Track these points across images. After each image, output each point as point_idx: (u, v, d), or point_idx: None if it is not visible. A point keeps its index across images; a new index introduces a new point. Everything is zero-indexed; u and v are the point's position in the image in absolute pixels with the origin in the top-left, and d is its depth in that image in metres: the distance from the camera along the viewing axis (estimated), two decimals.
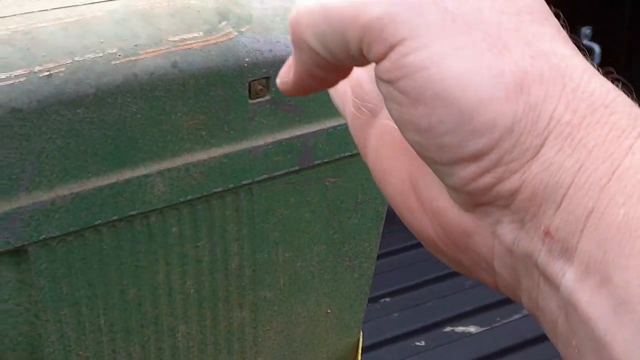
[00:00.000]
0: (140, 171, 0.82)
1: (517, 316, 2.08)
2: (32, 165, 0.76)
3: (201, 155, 0.84)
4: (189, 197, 0.86)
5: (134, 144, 0.80)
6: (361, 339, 1.11)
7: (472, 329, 2.04)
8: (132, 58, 0.76)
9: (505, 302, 2.12)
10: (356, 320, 1.09)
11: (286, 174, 0.91)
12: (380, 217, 1.03)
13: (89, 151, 0.78)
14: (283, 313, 1.01)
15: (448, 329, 2.04)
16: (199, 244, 0.90)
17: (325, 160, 0.93)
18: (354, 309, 1.07)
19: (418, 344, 2.00)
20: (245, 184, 0.89)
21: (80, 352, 0.89)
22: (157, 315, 0.92)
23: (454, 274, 2.23)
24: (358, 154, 0.93)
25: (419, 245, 2.28)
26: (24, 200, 0.77)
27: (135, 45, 0.77)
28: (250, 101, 0.84)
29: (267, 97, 0.85)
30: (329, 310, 1.05)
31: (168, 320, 0.93)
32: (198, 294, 0.93)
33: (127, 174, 0.81)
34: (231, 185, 0.88)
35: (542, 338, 2.02)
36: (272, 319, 1.01)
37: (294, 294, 1.01)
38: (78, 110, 0.75)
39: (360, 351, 1.09)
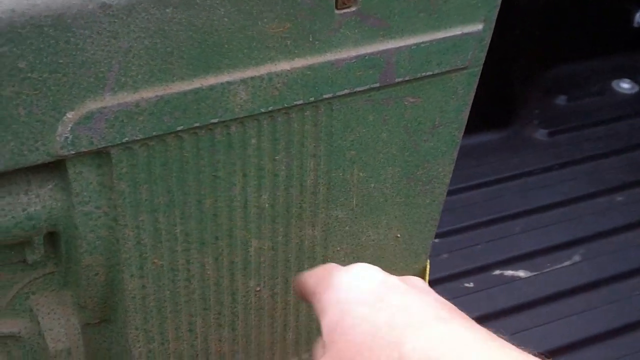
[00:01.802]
0: (224, 78, 0.81)
1: (567, 263, 2.06)
2: (118, 64, 0.75)
3: (284, 66, 0.83)
4: (270, 108, 0.85)
5: (219, 49, 0.79)
6: (428, 267, 1.09)
7: (522, 273, 2.02)
8: None
9: (556, 248, 2.10)
10: (425, 246, 1.07)
11: (367, 90, 0.89)
12: (456, 142, 1.01)
13: (175, 53, 0.77)
14: (353, 234, 1.00)
15: (497, 272, 2.02)
16: (276, 157, 0.89)
17: (407, 79, 0.91)
18: (423, 235, 1.06)
19: (467, 285, 1.98)
20: (326, 98, 0.87)
21: (155, 260, 0.89)
22: (232, 228, 0.91)
23: (504, 218, 2.21)
24: (440, 75, 0.91)
25: (469, 188, 2.26)
26: (109, 101, 0.76)
27: None
28: (337, 11, 0.82)
29: (353, 8, 0.83)
30: (398, 235, 1.04)
31: (241, 234, 0.92)
32: (272, 208, 0.92)
33: (211, 80, 0.80)
34: (312, 99, 0.86)
35: (591, 285, 2.00)
36: (343, 240, 1.00)
37: (366, 216, 1.00)
38: (167, 10, 0.74)
39: (427, 279, 1.08)
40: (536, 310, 1.92)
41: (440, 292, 1.30)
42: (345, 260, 1.02)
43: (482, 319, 1.86)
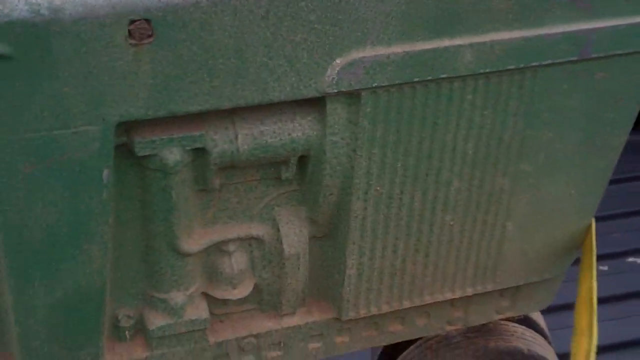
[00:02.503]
0: (456, 41, 1.00)
1: None
2: (380, 23, 0.95)
3: (504, 35, 1.01)
4: (487, 70, 1.03)
5: (456, 17, 0.98)
6: (594, 224, 1.26)
7: None
8: None
9: None
10: (593, 205, 1.24)
11: (566, 62, 1.07)
12: (633, 118, 1.17)
13: (423, 18, 0.96)
14: (536, 187, 1.18)
15: (631, 259, 2.16)
16: (485, 112, 1.08)
17: (601, 55, 1.08)
18: (593, 195, 1.23)
19: (602, 268, 2.13)
20: (533, 66, 1.05)
21: (378, 188, 1.09)
22: (440, 168, 1.11)
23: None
24: (629, 55, 1.08)
25: (613, 182, 2.39)
26: (369, 52, 0.96)
27: None
28: None
29: None
30: (573, 192, 1.21)
31: (447, 175, 1.11)
32: (475, 155, 1.11)
33: (446, 42, 0.99)
34: (522, 65, 1.04)
35: None
36: (526, 191, 1.18)
37: (549, 172, 1.17)
38: None
39: (594, 234, 1.24)
40: None
41: (574, 272, 1.44)
42: (525, 209, 1.19)
43: (612, 299, 2.01)
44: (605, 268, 2.13)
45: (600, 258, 2.17)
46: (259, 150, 1.01)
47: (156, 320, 1.12)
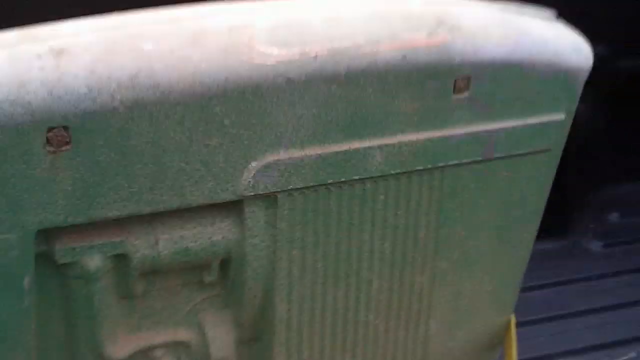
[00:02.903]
0: (366, 143, 1.05)
1: (623, 358, 2.23)
2: (292, 127, 1.00)
3: (411, 137, 1.07)
4: (397, 171, 1.09)
5: (365, 120, 1.04)
6: (513, 320, 1.30)
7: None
8: (375, 48, 1.00)
9: (613, 344, 2.27)
10: (510, 300, 1.28)
11: (471, 162, 1.13)
12: (539, 213, 1.23)
13: (334, 121, 1.02)
14: (454, 284, 1.22)
15: None
16: (398, 212, 1.13)
17: (503, 155, 1.14)
18: (509, 290, 1.27)
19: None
20: (440, 166, 1.11)
21: (300, 289, 1.12)
22: (359, 268, 1.14)
23: (565, 316, 2.40)
24: (529, 154, 1.15)
25: (530, 288, 2.46)
26: (283, 155, 1.01)
27: (377, 39, 1.00)
28: (454, 96, 1.07)
29: (466, 94, 1.08)
30: (489, 288, 1.25)
31: (367, 275, 1.15)
32: (392, 255, 1.15)
33: (356, 144, 1.05)
34: (429, 166, 1.10)
35: None
36: (445, 288, 1.22)
37: (464, 269, 1.21)
38: (332, 87, 0.99)
39: (513, 330, 1.28)
40: None
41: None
42: (445, 306, 1.23)
43: None
44: None
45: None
46: (180, 255, 1.03)
47: None
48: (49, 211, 0.92)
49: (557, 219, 2.79)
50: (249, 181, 1.01)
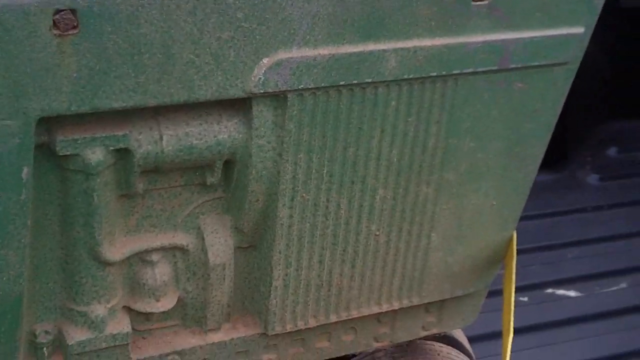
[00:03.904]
0: (381, 46, 1.01)
1: (614, 288, 2.24)
2: (307, 25, 0.96)
3: (427, 42, 1.03)
4: (411, 76, 1.05)
5: (381, 21, 0.99)
6: (515, 236, 1.28)
7: (572, 293, 2.21)
8: None
9: (605, 274, 2.29)
10: (514, 217, 1.26)
11: (486, 71, 1.10)
12: (550, 128, 1.20)
13: (349, 21, 0.98)
14: (458, 196, 1.19)
15: (549, 290, 2.21)
16: (409, 119, 1.09)
17: (519, 66, 1.11)
18: (514, 207, 1.25)
19: (521, 299, 2.17)
20: (454, 74, 1.08)
21: (304, 195, 1.09)
22: (365, 176, 1.11)
23: (558, 246, 2.40)
24: (545, 66, 1.11)
25: (526, 218, 2.47)
26: (295, 53, 0.97)
27: None
28: (473, 3, 1.03)
29: (486, 2, 1.04)
30: (494, 202, 1.23)
31: (372, 182, 1.12)
32: (399, 163, 1.12)
33: (371, 46, 1.01)
34: (444, 72, 1.07)
35: (636, 309, 2.18)
36: (449, 200, 1.19)
37: (470, 181, 1.19)
38: None
39: (514, 246, 1.27)
40: (583, 325, 2.10)
41: (498, 302, 1.47)
42: (448, 219, 1.21)
43: (532, 329, 2.05)
44: (525, 299, 2.17)
45: (520, 289, 2.22)
46: (184, 152, 1.00)
47: (76, 335, 1.08)
48: (52, 98, 0.88)
49: (555, 152, 2.78)
50: (259, 78, 0.97)
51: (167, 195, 1.06)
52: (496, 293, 1.50)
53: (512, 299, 1.26)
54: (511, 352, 1.96)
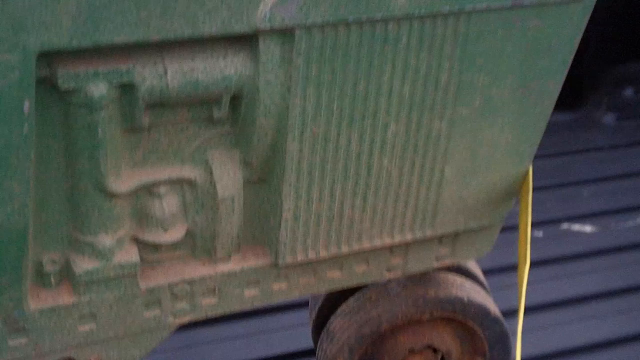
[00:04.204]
0: None
1: (631, 223, 2.23)
2: None
3: None
4: (422, 12, 1.02)
5: None
6: (531, 172, 1.26)
7: (588, 228, 2.20)
8: None
9: (621, 210, 2.27)
10: (530, 152, 1.24)
11: (500, 8, 1.06)
12: (566, 64, 1.17)
13: None
14: (473, 132, 1.17)
15: (565, 226, 2.20)
16: (420, 55, 1.07)
17: (534, 3, 1.07)
18: (530, 142, 1.23)
19: (537, 234, 2.16)
20: (467, 10, 1.04)
21: (314, 129, 1.07)
22: (377, 111, 1.09)
23: (574, 183, 2.39)
24: (561, 3, 1.07)
25: (542, 156, 2.44)
26: None
27: None
28: None
29: None
30: (509, 137, 1.21)
31: (384, 117, 1.10)
32: (411, 98, 1.10)
33: None
34: (456, 8, 1.03)
35: None
36: (463, 135, 1.17)
37: (485, 116, 1.17)
38: None
39: (530, 180, 1.25)
40: (598, 259, 2.09)
41: (513, 237, 1.46)
42: (463, 154, 1.19)
43: (547, 263, 2.05)
44: (540, 234, 2.17)
45: (536, 225, 2.21)
46: (189, 87, 0.99)
47: (83, 264, 1.09)
48: (52, 32, 0.86)
49: (571, 93, 2.73)
50: (265, 13, 0.95)
51: (174, 129, 1.05)
52: (512, 228, 1.50)
53: (529, 230, 1.25)
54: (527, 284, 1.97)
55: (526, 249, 1.25)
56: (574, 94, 2.73)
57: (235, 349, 1.73)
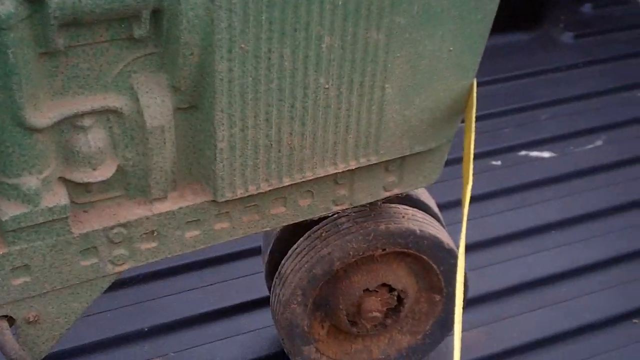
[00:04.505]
0: None
1: (589, 146, 2.19)
2: None
3: None
4: None
5: None
6: (475, 86, 1.21)
7: (546, 154, 2.15)
8: None
9: (579, 133, 2.23)
10: (473, 63, 1.18)
11: None
12: None
13: None
14: (412, 42, 1.11)
15: (523, 152, 2.15)
16: None
17: None
18: (473, 52, 1.17)
19: (494, 163, 2.11)
20: None
21: (243, 45, 1.00)
22: (309, 22, 1.03)
23: (531, 107, 2.33)
24: None
25: (497, 80, 2.38)
26: None
27: None
28: None
29: None
30: (451, 48, 1.15)
31: (317, 29, 1.04)
32: (344, 6, 1.04)
33: None
34: None
35: (612, 165, 2.13)
36: (402, 47, 1.11)
37: (424, 25, 1.11)
38: None
39: (474, 95, 1.19)
40: (558, 186, 2.05)
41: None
42: (403, 68, 1.13)
43: (505, 192, 2.01)
44: (498, 163, 2.12)
45: (493, 153, 2.16)
46: (103, 1, 0.91)
47: (9, 210, 1.01)
48: None
49: (528, 11, 2.68)
50: None
51: (93, 52, 0.97)
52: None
53: (472, 148, 1.19)
54: (485, 215, 1.93)
55: (469, 168, 1.20)
56: (531, 13, 2.66)
57: (193, 300, 1.67)
